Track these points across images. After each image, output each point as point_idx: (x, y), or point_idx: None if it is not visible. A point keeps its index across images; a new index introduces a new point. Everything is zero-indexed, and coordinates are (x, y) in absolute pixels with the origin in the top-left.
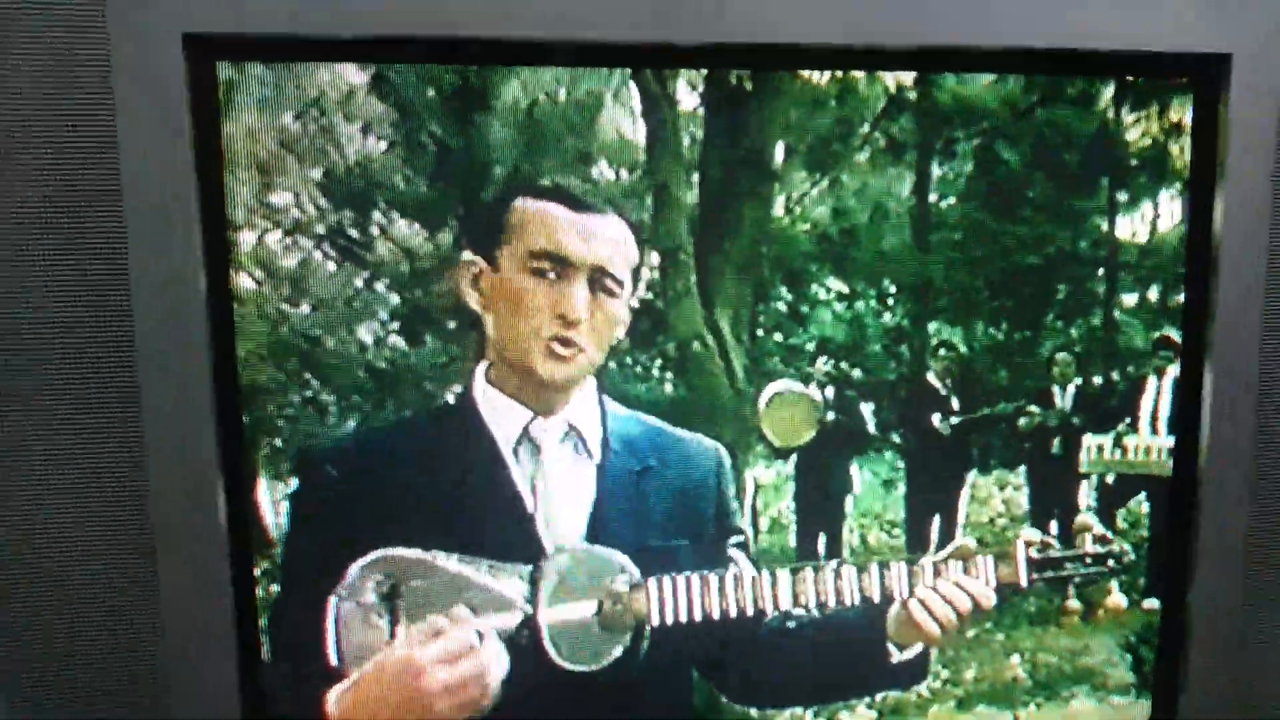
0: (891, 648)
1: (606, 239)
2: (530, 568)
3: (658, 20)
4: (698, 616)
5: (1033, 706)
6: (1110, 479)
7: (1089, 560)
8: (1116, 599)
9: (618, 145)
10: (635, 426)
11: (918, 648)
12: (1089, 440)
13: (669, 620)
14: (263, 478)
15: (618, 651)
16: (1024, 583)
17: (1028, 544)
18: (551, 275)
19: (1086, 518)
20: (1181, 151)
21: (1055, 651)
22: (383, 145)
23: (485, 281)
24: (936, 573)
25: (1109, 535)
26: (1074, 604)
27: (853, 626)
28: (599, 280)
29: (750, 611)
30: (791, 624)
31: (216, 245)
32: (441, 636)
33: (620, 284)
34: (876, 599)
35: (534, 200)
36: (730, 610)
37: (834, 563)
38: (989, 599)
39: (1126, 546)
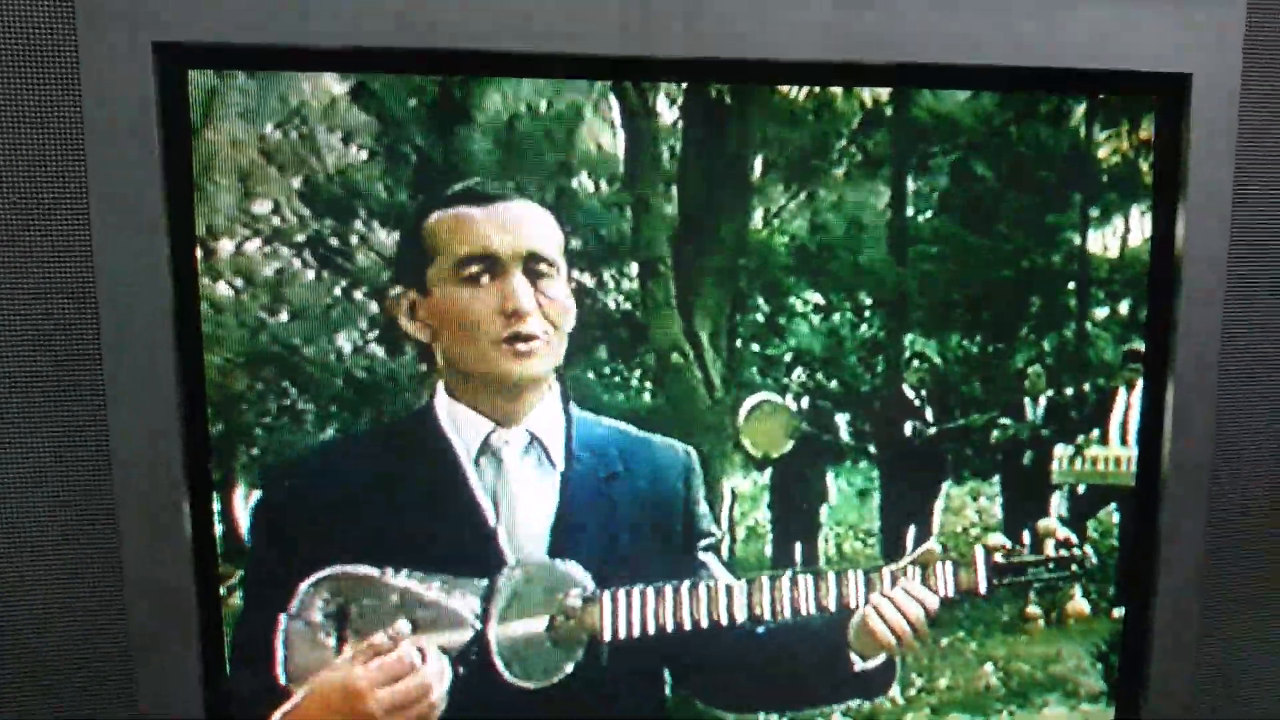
0: (853, 656)
1: (528, 223)
2: (485, 583)
3: (638, 34)
4: (651, 630)
5: (1005, 714)
6: (1081, 489)
7: (1051, 565)
8: (1079, 604)
9: (597, 157)
10: (602, 432)
11: (880, 658)
12: (1060, 451)
13: (622, 634)
14: (239, 486)
15: (569, 668)
16: (983, 589)
17: (988, 550)
18: (486, 277)
19: (1050, 523)
20: (1150, 168)
21: (1028, 660)
22: (363, 155)
23: (421, 309)
24: (894, 580)
25: (1072, 539)
26: (1034, 609)
27: (815, 635)
28: (533, 267)
29: (705, 624)
30: (760, 630)
31: (184, 254)
32: (380, 655)
33: (553, 265)
34: (833, 609)
35: (443, 210)
36: (685, 623)
37: (789, 572)
38: (934, 604)
39: (1089, 551)
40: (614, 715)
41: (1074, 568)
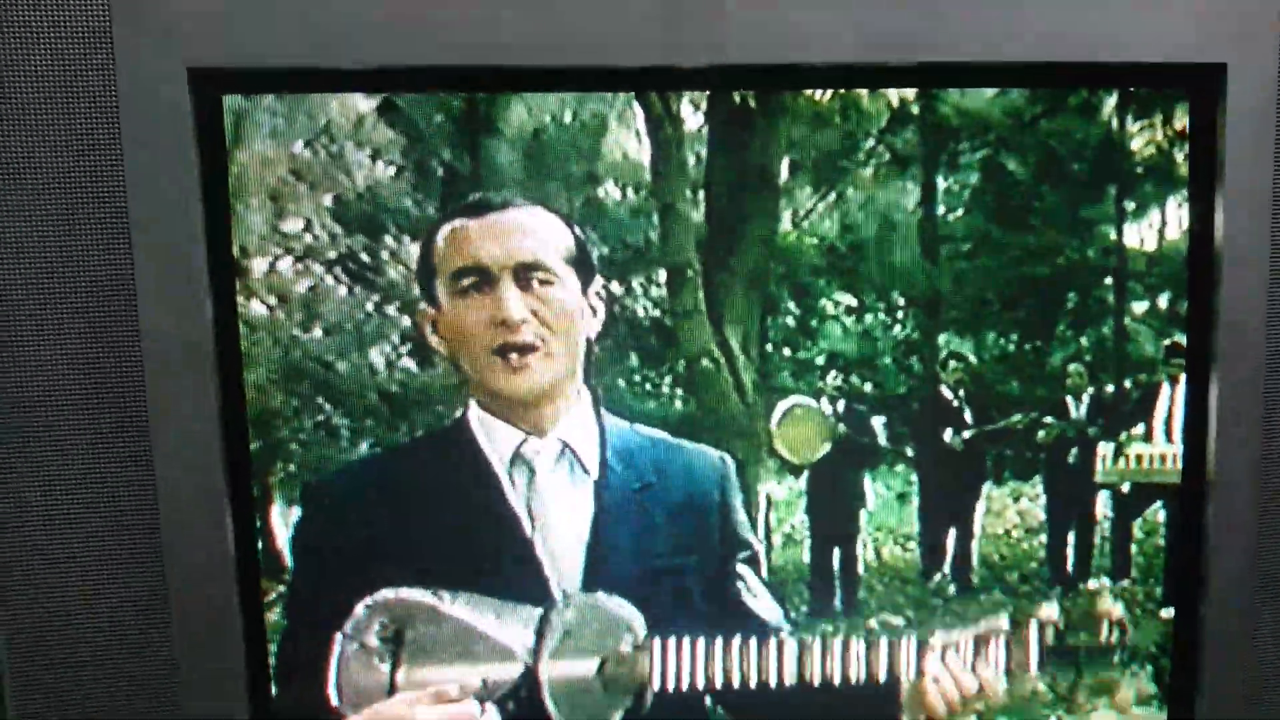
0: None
1: (522, 232)
2: (539, 615)
3: (663, 45)
4: (700, 684)
5: (1054, 718)
6: (1126, 488)
7: (1103, 650)
8: (1125, 695)
9: (623, 165)
10: (636, 441)
11: None
12: (1103, 449)
13: (670, 686)
14: (277, 503)
15: (618, 716)
16: (1034, 670)
17: (1042, 625)
18: (481, 289)
19: (1110, 605)
20: (1186, 159)
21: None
22: (390, 171)
23: (441, 325)
24: (945, 650)
25: (1125, 622)
26: (1082, 698)
27: (867, 696)
28: (527, 276)
29: (754, 683)
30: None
31: (224, 275)
32: (443, 702)
33: (550, 272)
34: (883, 678)
35: (446, 225)
36: (734, 679)
37: (842, 636)
38: (997, 692)
39: (1136, 633)
40: None
41: (1124, 654)
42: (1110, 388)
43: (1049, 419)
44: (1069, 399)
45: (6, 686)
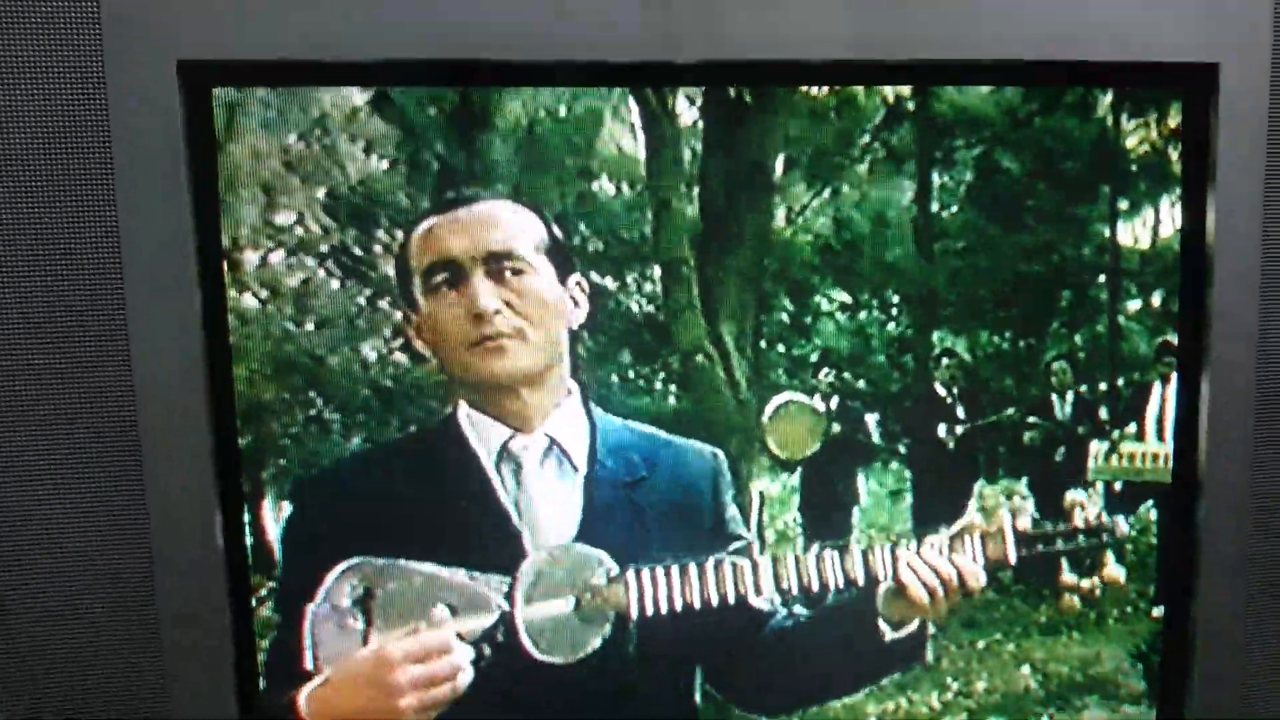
0: (884, 625)
1: (490, 224)
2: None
3: (658, 40)
4: (678, 606)
5: (1045, 718)
6: (1118, 486)
7: (1080, 536)
8: (1113, 570)
9: (618, 161)
10: (627, 436)
11: (911, 626)
12: (1095, 447)
13: (649, 610)
14: (268, 497)
15: (597, 642)
16: (1012, 559)
17: (1014, 513)
18: (453, 284)
19: (1077, 495)
20: (1179, 158)
21: (1066, 661)
22: (384, 164)
23: (423, 329)
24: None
25: (1101, 511)
26: (1069, 577)
27: (844, 613)
28: (498, 266)
29: (732, 599)
30: (789, 622)
31: (212, 267)
32: (420, 633)
33: (524, 261)
34: (860, 581)
35: (418, 226)
36: (712, 599)
37: (816, 547)
38: (979, 578)
39: (1120, 519)
40: (642, 692)
41: (1104, 536)
42: (1102, 386)
43: (1038, 417)
44: (1054, 397)
45: None
